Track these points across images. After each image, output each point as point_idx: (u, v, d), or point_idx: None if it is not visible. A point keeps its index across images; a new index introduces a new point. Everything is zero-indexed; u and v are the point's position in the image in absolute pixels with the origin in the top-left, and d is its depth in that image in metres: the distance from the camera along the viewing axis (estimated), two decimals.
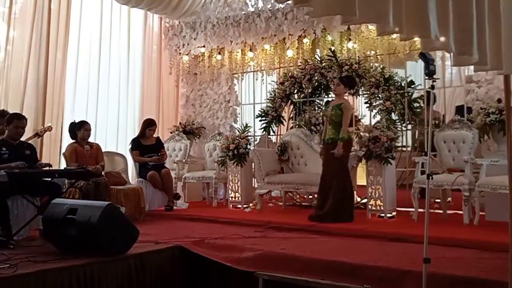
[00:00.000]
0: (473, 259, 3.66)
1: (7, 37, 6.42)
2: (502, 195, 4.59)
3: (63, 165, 6.26)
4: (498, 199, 4.87)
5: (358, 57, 6.73)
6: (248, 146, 6.73)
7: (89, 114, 7.40)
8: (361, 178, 6.15)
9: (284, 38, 7.49)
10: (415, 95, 6.49)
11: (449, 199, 5.90)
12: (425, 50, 3.06)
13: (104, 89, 7.74)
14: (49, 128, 5.81)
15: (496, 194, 4.77)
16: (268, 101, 7.44)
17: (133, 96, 8.21)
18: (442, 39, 2.54)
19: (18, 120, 4.77)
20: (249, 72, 8.22)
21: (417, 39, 4.32)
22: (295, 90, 7.26)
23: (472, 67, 3.19)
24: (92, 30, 7.58)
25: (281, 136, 7.43)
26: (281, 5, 7.28)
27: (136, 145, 6.72)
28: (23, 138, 4.93)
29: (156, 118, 7.94)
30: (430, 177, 3.29)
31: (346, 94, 5.72)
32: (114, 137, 7.88)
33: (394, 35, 2.75)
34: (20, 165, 4.43)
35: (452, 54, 2.71)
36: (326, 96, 7.26)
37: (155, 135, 6.94)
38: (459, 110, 6.35)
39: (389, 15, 2.45)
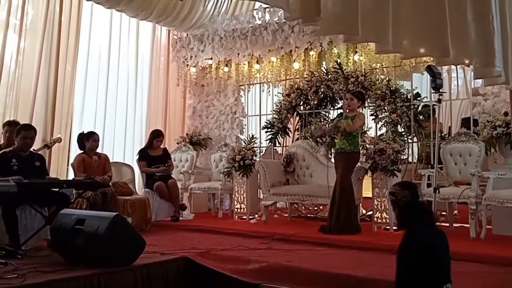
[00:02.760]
0: (480, 273, 3.64)
1: (18, 48, 6.50)
2: (509, 209, 4.58)
3: (71, 176, 6.30)
4: (505, 212, 4.85)
5: (364, 69, 6.75)
6: (254, 157, 6.74)
7: (97, 124, 7.45)
8: (366, 190, 6.13)
9: (291, 51, 7.52)
10: (421, 108, 6.50)
11: (456, 212, 5.87)
12: (438, 65, 3.13)
13: (112, 101, 7.79)
14: (59, 140, 5.85)
15: (503, 208, 4.74)
16: (274, 112, 7.47)
17: (141, 107, 8.25)
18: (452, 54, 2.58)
19: (26, 131, 4.78)
20: (255, 83, 8.25)
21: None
22: (301, 102, 7.28)
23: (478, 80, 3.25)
24: (101, 42, 7.65)
25: (286, 147, 7.43)
26: None
27: (144, 155, 6.75)
28: (33, 149, 4.96)
29: (163, 129, 7.98)
30: (437, 190, 3.28)
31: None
32: (122, 147, 7.91)
33: (409, 45, 2.81)
34: (16, 180, 4.27)
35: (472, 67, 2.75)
36: (331, 108, 7.28)
37: (162, 146, 6.97)
38: (466, 122, 6.34)
39: (389, 37, 2.52)
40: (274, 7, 6.24)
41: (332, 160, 6.18)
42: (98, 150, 6.01)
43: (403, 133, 6.29)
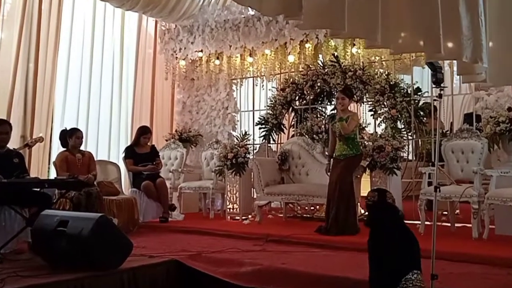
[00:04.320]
0: (482, 275, 3.67)
1: None
2: None
3: (53, 175, 6.27)
4: (509, 212, 4.89)
5: (363, 62, 6.78)
6: (247, 155, 6.76)
7: (80, 121, 7.42)
8: (365, 189, 6.16)
9: (286, 43, 7.54)
10: (422, 103, 6.54)
11: (457, 211, 5.92)
12: (430, 59, 3.18)
13: (96, 95, 7.77)
14: (40, 139, 5.81)
15: (507, 207, 4.79)
16: (268, 108, 7.48)
17: (127, 102, 8.23)
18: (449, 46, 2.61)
19: None
20: (248, 77, 8.25)
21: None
22: (297, 97, 7.30)
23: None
24: (84, 33, 7.61)
25: (281, 144, 7.46)
26: None
27: (130, 153, 6.74)
28: (13, 147, 4.94)
29: (151, 125, 7.98)
30: (438, 189, 3.32)
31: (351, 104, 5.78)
32: (106, 145, 7.89)
33: (400, 40, 2.83)
34: None
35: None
36: (328, 103, 7.30)
37: (150, 143, 6.96)
38: (468, 118, 6.38)
39: (378, 32, 2.53)
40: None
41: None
42: (82, 148, 5.99)
43: (402, 130, 6.33)
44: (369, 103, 6.57)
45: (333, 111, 6.90)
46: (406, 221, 5.68)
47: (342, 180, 5.34)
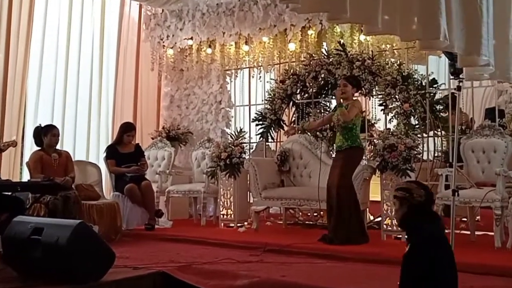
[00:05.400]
0: None
1: None
2: None
3: (26, 177, 6.27)
4: None
5: (372, 51, 6.79)
6: (243, 155, 6.76)
7: (55, 117, 7.43)
8: (374, 193, 6.18)
9: (285, 29, 7.55)
10: (438, 96, 6.55)
11: (478, 218, 5.94)
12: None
13: (73, 88, 7.77)
14: (13, 144, 5.74)
15: None
16: (266, 102, 7.49)
17: (107, 96, 8.23)
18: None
19: None
20: (244, 68, 8.26)
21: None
22: (298, 90, 7.31)
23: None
24: (60, 19, 7.62)
25: (281, 143, 7.46)
26: None
27: (112, 153, 6.73)
28: None
29: (135, 122, 7.99)
30: (456, 193, 3.33)
31: (356, 95, 5.79)
32: (85, 144, 7.91)
33: (414, 26, 2.87)
34: None
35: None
36: (333, 97, 7.31)
37: (134, 142, 6.96)
38: (490, 113, 6.40)
39: (378, 18, 2.58)
40: None
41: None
42: (58, 147, 5.99)
43: (417, 126, 6.34)
44: (379, 96, 6.58)
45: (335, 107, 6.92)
46: None
47: (340, 185, 5.35)
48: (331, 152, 6.69)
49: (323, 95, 7.36)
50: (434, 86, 6.58)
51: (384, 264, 4.52)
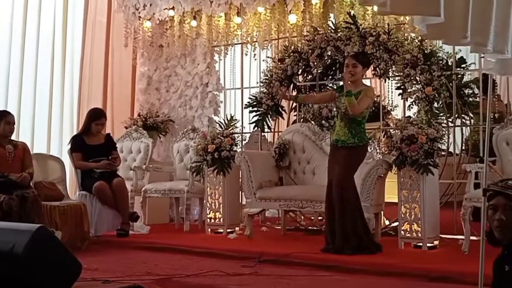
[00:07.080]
0: None
1: None
2: None
3: None
4: None
5: (388, 24, 6.77)
6: (234, 148, 6.77)
7: (10, 103, 7.43)
8: (390, 193, 6.20)
9: None
10: (466, 78, 6.56)
11: None
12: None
13: (31, 70, 7.77)
14: None
15: None
16: (261, 85, 7.48)
17: (72, 78, 8.24)
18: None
19: None
20: (235, 44, 8.25)
21: None
22: (300, 70, 7.31)
23: None
24: None
25: (279, 134, 7.47)
26: None
27: (78, 145, 6.73)
28: None
29: (105, 108, 7.97)
30: (488, 193, 3.33)
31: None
32: (45, 134, 7.91)
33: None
34: None
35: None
36: (341, 80, 7.31)
37: (104, 132, 6.96)
38: None
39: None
40: None
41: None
42: (14, 137, 5.99)
43: (441, 114, 6.35)
44: (397, 78, 6.59)
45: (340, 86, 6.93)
46: (444, 236, 5.78)
47: (345, 186, 5.35)
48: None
49: (330, 77, 7.37)
50: (462, 66, 6.58)
51: (400, 277, 4.56)
